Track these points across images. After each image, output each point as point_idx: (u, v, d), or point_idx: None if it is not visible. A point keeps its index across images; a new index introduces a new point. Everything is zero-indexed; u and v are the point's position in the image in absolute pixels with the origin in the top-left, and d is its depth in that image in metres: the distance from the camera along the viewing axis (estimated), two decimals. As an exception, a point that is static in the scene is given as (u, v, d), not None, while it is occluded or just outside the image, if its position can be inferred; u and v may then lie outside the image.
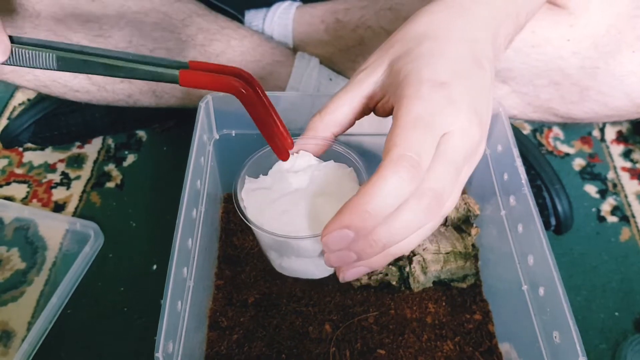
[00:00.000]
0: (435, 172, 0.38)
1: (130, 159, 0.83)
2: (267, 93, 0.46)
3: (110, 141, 0.85)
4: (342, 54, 0.80)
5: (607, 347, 0.64)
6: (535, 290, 0.45)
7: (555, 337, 0.42)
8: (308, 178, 0.48)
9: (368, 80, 0.45)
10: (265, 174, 0.50)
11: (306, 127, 0.48)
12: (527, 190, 0.47)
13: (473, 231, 0.57)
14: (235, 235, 0.59)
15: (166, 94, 0.74)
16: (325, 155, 0.50)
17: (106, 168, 0.82)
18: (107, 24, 0.68)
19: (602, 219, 0.78)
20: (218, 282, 0.56)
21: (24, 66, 0.40)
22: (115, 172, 0.81)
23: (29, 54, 0.39)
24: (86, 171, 0.81)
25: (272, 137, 0.45)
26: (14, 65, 0.40)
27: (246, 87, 0.43)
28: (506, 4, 0.47)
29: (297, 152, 0.49)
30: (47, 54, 0.40)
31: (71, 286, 0.67)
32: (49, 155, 0.83)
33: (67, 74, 0.69)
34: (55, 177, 0.80)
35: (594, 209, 0.79)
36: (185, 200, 0.46)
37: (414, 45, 0.43)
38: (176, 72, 0.41)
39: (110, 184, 0.80)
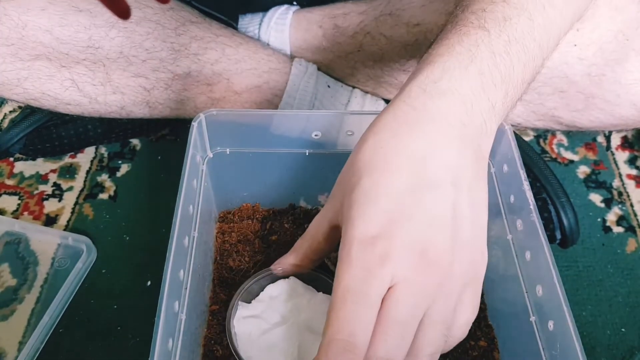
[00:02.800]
0: (379, 339, 0.36)
1: (124, 169, 0.81)
2: (264, 111, 0.44)
3: (103, 150, 0.83)
4: (341, 61, 0.78)
5: (614, 365, 0.63)
6: (544, 323, 0.43)
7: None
8: (297, 310, 0.49)
9: (324, 225, 0.44)
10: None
11: (292, 248, 0.49)
12: (535, 216, 0.45)
13: (477, 253, 0.55)
14: (230, 256, 0.57)
15: (160, 104, 0.72)
16: (315, 282, 0.51)
17: (99, 178, 0.80)
18: (97, 34, 0.65)
19: (607, 229, 0.76)
20: (213, 307, 0.54)
21: None
22: (108, 183, 0.79)
23: None
24: (79, 182, 0.79)
25: None
26: None
27: None
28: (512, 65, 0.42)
29: (287, 278, 0.50)
30: None
31: (63, 304, 0.65)
32: (41, 166, 0.81)
33: (57, 85, 0.67)
34: (47, 189, 0.78)
35: (599, 219, 0.77)
36: (176, 229, 0.44)
37: (354, 184, 0.39)
38: None
39: (103, 195, 0.78)
